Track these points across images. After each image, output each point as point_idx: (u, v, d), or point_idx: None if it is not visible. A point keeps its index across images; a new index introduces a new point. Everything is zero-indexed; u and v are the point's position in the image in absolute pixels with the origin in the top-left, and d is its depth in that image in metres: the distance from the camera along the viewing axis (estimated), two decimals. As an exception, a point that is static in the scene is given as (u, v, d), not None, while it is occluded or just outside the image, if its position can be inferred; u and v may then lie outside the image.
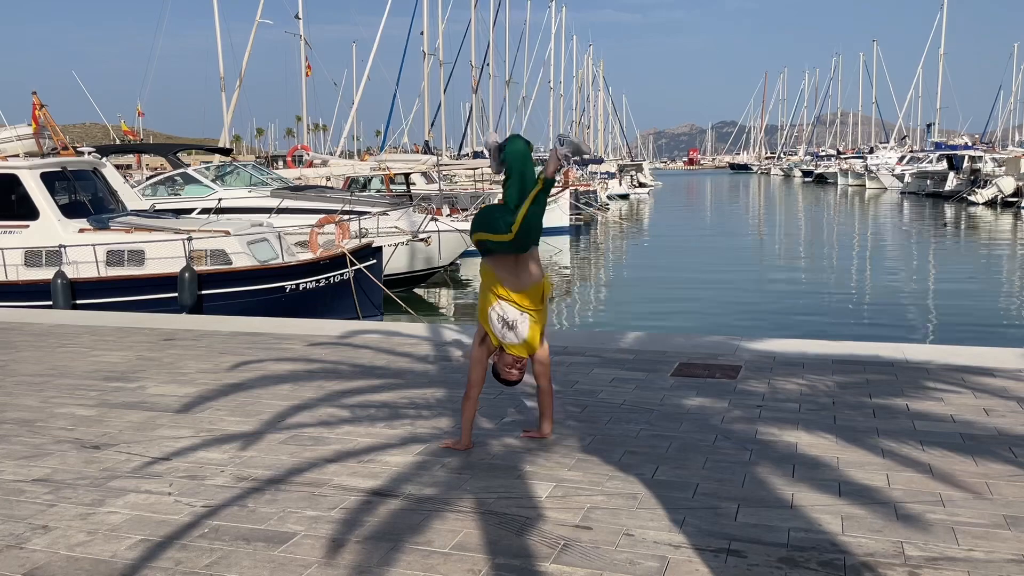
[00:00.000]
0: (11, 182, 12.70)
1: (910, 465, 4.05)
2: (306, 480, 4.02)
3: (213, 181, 19.16)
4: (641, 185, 72.01)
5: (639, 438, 4.52)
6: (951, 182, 52.23)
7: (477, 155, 44.93)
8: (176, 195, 19.01)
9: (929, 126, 77.90)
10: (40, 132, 14.55)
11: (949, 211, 43.17)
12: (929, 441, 4.38)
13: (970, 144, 62.82)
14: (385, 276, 14.63)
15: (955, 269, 22.81)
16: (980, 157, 51.53)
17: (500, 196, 4.43)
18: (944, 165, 56.05)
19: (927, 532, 3.32)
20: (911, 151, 73.90)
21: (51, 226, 12.59)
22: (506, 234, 4.10)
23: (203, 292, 12.28)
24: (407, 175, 27.14)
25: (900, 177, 64.34)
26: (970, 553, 3.14)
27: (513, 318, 4.18)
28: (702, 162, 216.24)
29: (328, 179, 25.62)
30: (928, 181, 57.18)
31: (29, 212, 12.65)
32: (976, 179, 48.56)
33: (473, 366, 4.32)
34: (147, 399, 5.56)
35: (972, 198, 46.47)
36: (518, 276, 4.21)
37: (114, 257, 12.53)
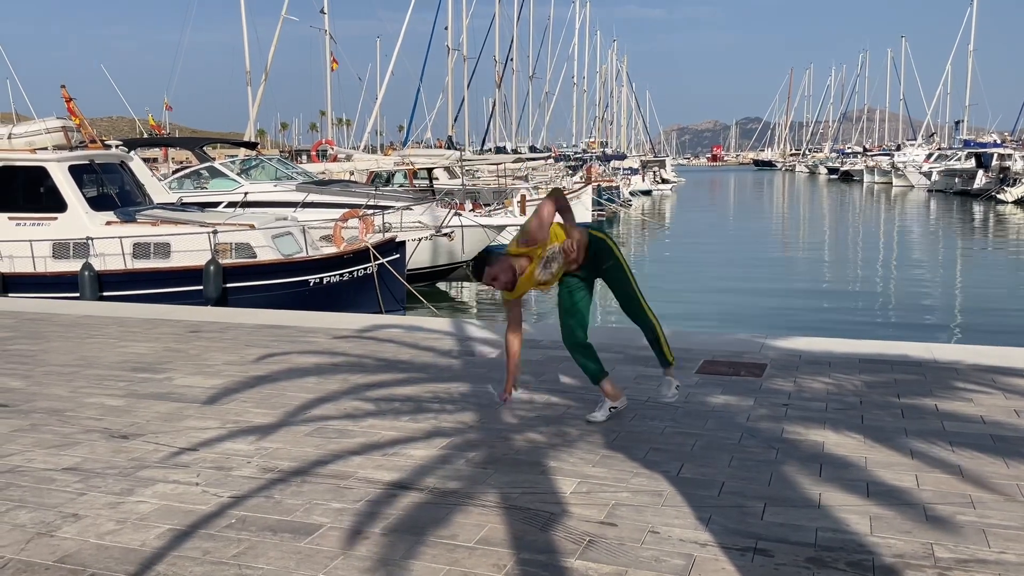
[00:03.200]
0: (40, 175, 12.87)
1: (939, 466, 4.00)
2: (331, 472, 4.04)
3: (239, 175, 19.30)
4: (664, 181, 71.77)
5: (664, 435, 4.50)
6: (980, 180, 51.58)
7: (500, 150, 44.93)
8: (202, 188, 19.17)
9: (957, 123, 76.93)
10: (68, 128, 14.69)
11: (977, 209, 42.63)
12: (959, 442, 4.32)
13: (999, 142, 61.91)
14: (408, 270, 14.68)
15: (984, 268, 22.52)
16: (1009, 155, 50.83)
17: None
18: (972, 163, 55.34)
19: (957, 534, 3.27)
20: (939, 148, 72.99)
21: (79, 219, 12.75)
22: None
23: (228, 285, 12.39)
24: (430, 170, 27.20)
25: (928, 175, 63.64)
26: (1001, 556, 3.09)
27: (555, 261, 4.45)
28: (726, 158, 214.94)
29: (351, 174, 25.73)
30: (956, 179, 56.51)
31: (57, 205, 12.82)
32: (1005, 177, 47.93)
33: (545, 213, 4.41)
34: (174, 390, 5.61)
35: (1001, 196, 45.88)
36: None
37: (140, 250, 12.68)
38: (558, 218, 4.51)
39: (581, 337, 4.70)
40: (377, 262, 13.35)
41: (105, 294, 12.29)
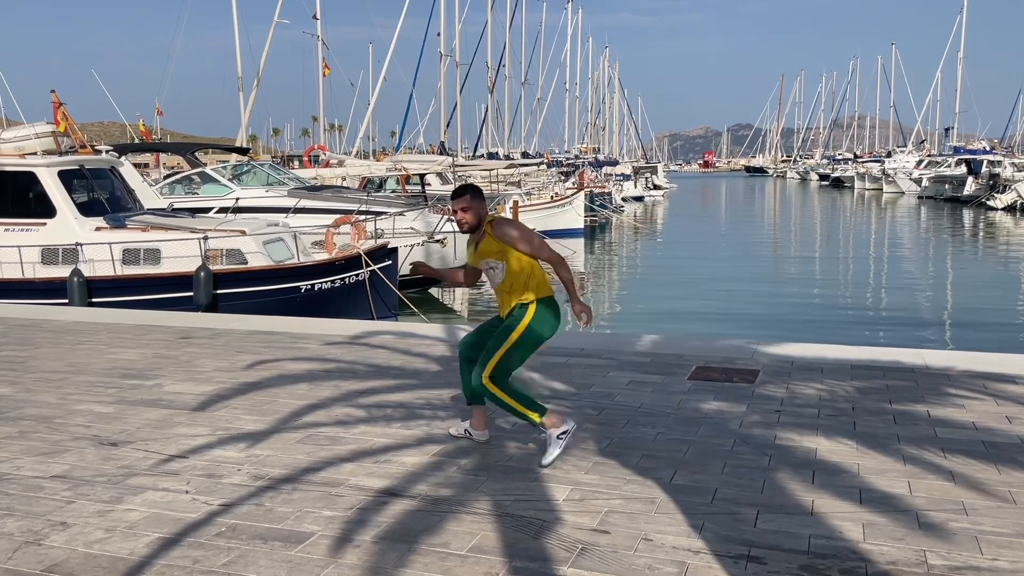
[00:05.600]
0: (29, 180, 12.79)
1: (932, 472, 4.00)
2: (322, 480, 4.01)
3: (230, 180, 19.24)
4: (656, 187, 71.95)
5: (656, 442, 4.49)
6: (969, 187, 51.85)
7: (492, 156, 44.97)
8: (194, 194, 19.11)
9: (947, 130, 77.31)
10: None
11: (967, 216, 42.84)
12: (951, 448, 4.33)
13: (989, 148, 62.29)
14: (400, 277, 14.64)
15: (975, 275, 22.61)
16: (999, 162, 51.13)
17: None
18: (963, 170, 55.64)
19: (950, 541, 3.27)
20: (929, 155, 73.37)
21: (68, 224, 12.68)
22: None
23: (218, 291, 12.33)
24: (422, 176, 27.19)
25: (918, 181, 63.94)
26: (994, 563, 3.09)
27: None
28: (717, 165, 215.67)
29: (344, 179, 25.68)
30: (946, 186, 56.78)
31: (46, 210, 12.74)
32: (995, 184, 48.20)
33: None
34: (164, 397, 5.57)
35: (991, 203, 46.12)
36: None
37: (130, 256, 12.60)
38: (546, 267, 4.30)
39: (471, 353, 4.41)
40: (369, 268, 13.32)
41: (94, 300, 12.21)
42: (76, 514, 3.65)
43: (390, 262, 13.94)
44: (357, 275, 13.31)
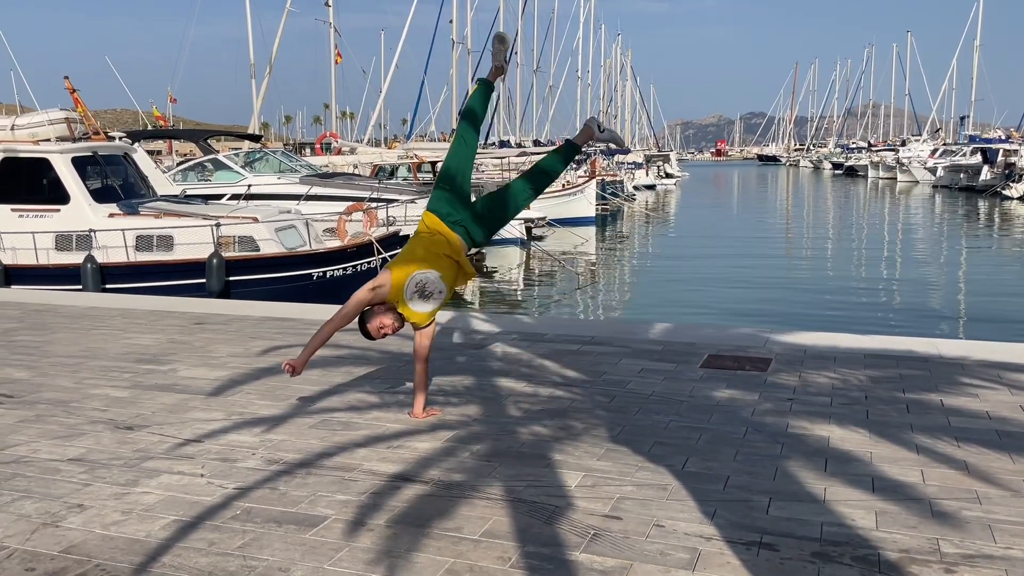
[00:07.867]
0: (43, 166, 12.87)
1: (945, 461, 4.00)
2: (336, 464, 4.04)
3: (243, 167, 19.31)
4: (668, 176, 71.74)
5: (668, 429, 4.50)
6: (985, 176, 51.45)
7: (503, 144, 44.88)
8: (206, 181, 19.19)
9: (963, 119, 76.66)
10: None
11: (983, 205, 42.52)
12: (964, 437, 4.31)
13: (1005, 137, 61.69)
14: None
15: (989, 264, 22.47)
16: (1015, 150, 50.67)
17: None
18: (978, 159, 55.20)
19: (963, 529, 3.27)
20: (944, 144, 72.76)
21: (82, 210, 12.76)
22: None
23: (231, 278, 12.39)
24: (434, 163, 27.19)
25: (932, 170, 63.45)
26: (1008, 551, 3.08)
27: (433, 291, 4.47)
28: (730, 153, 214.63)
29: (355, 167, 25.72)
30: (961, 175, 56.36)
31: (60, 196, 12.82)
32: (1011, 173, 47.80)
33: (351, 305, 4.48)
34: (179, 382, 5.61)
35: (1006, 192, 45.76)
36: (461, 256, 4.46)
37: (143, 242, 12.68)
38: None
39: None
40: (380, 256, 13.35)
41: (108, 287, 12.30)
42: (93, 497, 3.69)
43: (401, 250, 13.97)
44: (369, 262, 13.35)
